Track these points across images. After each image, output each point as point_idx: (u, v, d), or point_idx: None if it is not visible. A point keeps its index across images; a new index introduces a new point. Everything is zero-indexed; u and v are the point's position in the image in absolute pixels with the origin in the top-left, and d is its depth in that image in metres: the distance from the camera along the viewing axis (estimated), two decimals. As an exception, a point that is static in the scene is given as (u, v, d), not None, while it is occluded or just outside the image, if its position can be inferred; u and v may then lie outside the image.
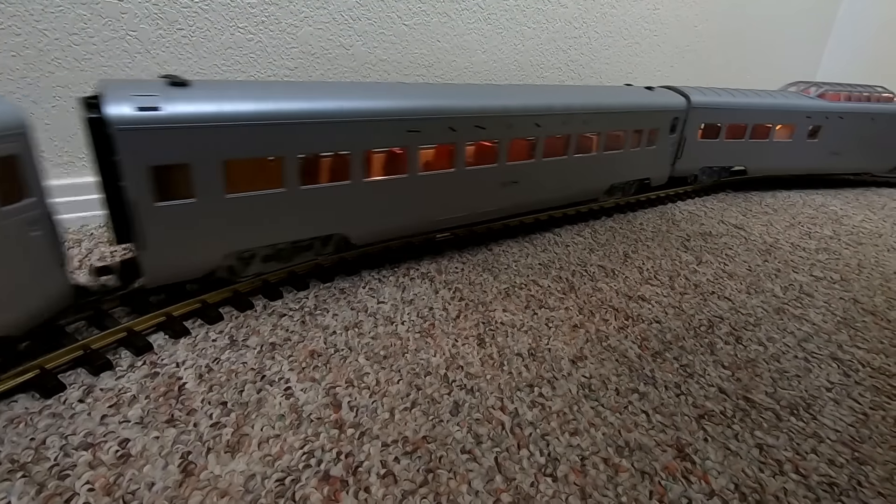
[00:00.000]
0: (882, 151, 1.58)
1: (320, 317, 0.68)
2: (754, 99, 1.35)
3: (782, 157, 1.44)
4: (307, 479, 0.43)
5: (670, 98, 1.19)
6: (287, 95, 0.64)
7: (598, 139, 1.04)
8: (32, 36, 0.82)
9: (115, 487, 0.41)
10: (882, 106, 1.49)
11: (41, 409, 0.48)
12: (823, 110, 1.42)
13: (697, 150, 1.32)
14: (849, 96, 1.48)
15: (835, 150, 1.49)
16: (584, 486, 0.44)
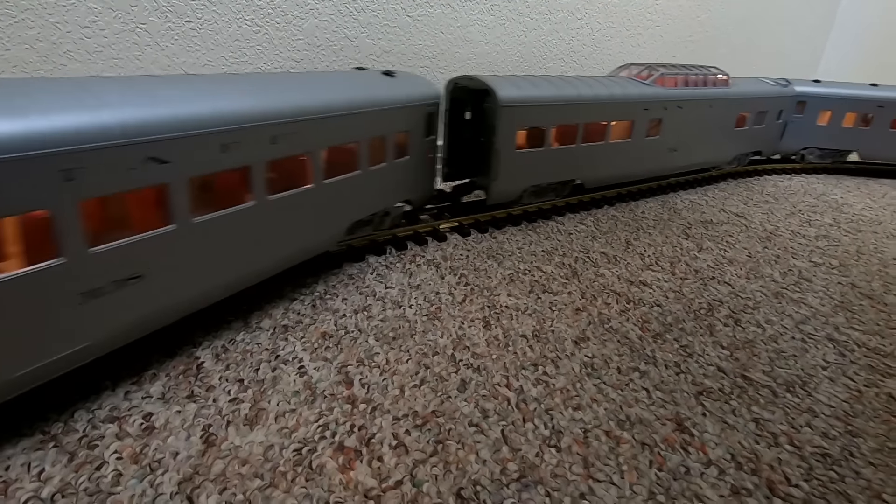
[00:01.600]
0: (719, 142, 1.42)
1: (330, 301, 0.70)
2: (585, 90, 1.03)
3: (621, 161, 1.17)
4: (323, 450, 0.45)
5: (421, 87, 0.86)
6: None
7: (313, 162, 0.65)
8: (45, 29, 0.84)
9: (141, 456, 0.43)
10: (718, 90, 1.32)
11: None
12: (663, 99, 1.17)
13: (518, 164, 0.97)
14: (686, 80, 1.25)
15: (673, 145, 1.27)
16: (586, 456, 0.46)
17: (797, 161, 1.67)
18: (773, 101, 1.47)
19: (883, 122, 1.55)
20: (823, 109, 1.55)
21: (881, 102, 1.52)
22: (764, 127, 1.50)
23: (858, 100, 1.54)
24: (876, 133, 1.58)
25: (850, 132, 1.59)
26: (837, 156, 1.66)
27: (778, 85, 1.52)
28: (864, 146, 1.61)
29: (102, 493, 0.39)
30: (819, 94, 1.53)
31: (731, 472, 0.46)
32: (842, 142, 1.61)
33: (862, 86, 1.58)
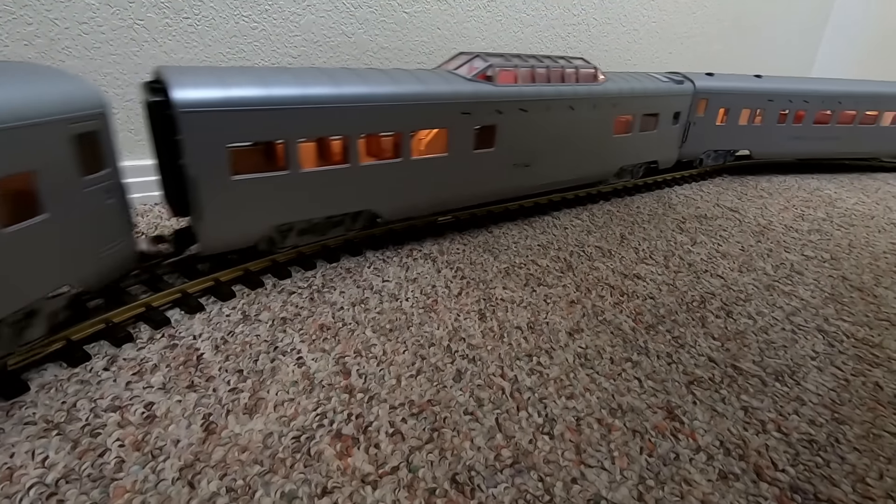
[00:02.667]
0: (594, 153, 1.11)
1: (328, 294, 0.71)
2: (351, 86, 0.73)
3: (434, 182, 0.87)
4: (321, 437, 0.46)
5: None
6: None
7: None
8: (44, 25, 0.84)
9: (143, 444, 0.44)
10: (582, 88, 1.01)
11: (69, 377, 0.51)
12: (494, 100, 0.88)
13: (241, 197, 0.67)
14: (532, 75, 0.94)
15: (522, 159, 0.97)
16: (578, 443, 0.47)
17: (696, 167, 1.49)
18: (666, 101, 1.22)
19: (771, 116, 1.47)
20: (722, 107, 1.39)
21: (770, 96, 1.43)
22: (656, 133, 1.24)
23: (752, 94, 1.42)
24: (766, 129, 1.48)
25: (744, 130, 1.46)
26: (730, 156, 1.53)
27: (671, 81, 1.25)
28: (756, 143, 1.50)
29: (105, 479, 0.40)
30: (716, 90, 1.36)
31: (720, 457, 0.47)
32: (737, 141, 1.48)
33: (749, 78, 1.46)
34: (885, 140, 1.63)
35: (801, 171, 1.66)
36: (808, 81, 1.52)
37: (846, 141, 1.58)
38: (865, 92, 1.52)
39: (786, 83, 1.46)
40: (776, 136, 1.50)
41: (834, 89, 1.49)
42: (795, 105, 1.46)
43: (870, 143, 1.62)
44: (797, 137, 1.52)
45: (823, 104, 1.48)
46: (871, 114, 1.57)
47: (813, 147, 1.56)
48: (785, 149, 1.53)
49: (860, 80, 1.64)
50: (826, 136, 1.55)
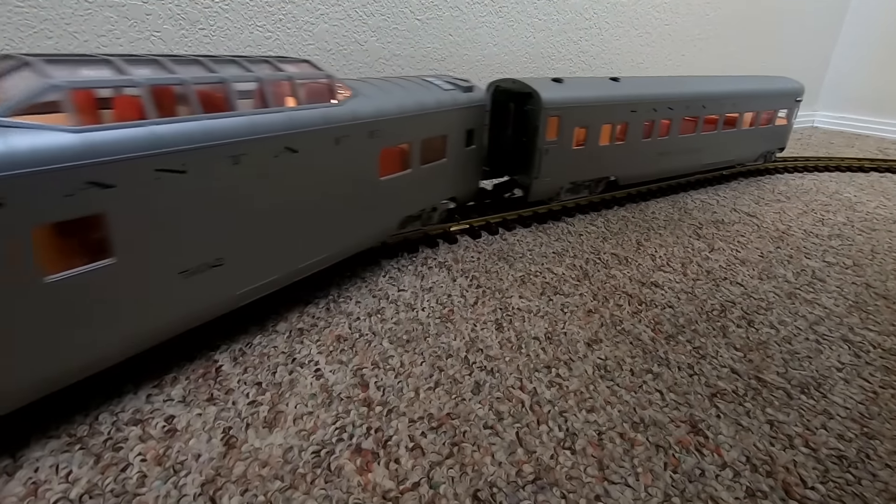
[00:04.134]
0: (347, 214, 0.70)
1: (344, 304, 0.71)
2: None
3: None
4: (341, 452, 0.46)
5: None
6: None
7: None
8: (64, 38, 0.85)
9: (165, 458, 0.44)
10: (312, 113, 0.61)
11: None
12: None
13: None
14: (160, 101, 0.48)
15: (198, 259, 0.52)
16: (601, 458, 0.47)
17: (552, 201, 1.11)
18: (454, 118, 0.87)
19: (635, 130, 1.15)
20: (578, 125, 1.04)
21: (633, 104, 1.12)
22: (446, 162, 0.88)
23: (612, 104, 1.08)
24: (631, 147, 1.16)
25: (607, 152, 1.13)
26: (597, 186, 1.18)
27: (456, 88, 0.90)
28: (622, 166, 1.18)
29: (128, 494, 0.40)
30: (569, 103, 1.01)
31: (747, 474, 0.46)
32: (602, 166, 1.14)
33: (604, 83, 1.12)
34: (745, 144, 1.46)
35: (819, 173, 1.63)
36: (668, 82, 1.24)
37: (710, 150, 1.36)
38: (726, 92, 1.31)
39: (646, 86, 1.17)
40: (643, 155, 1.20)
41: (698, 91, 1.25)
42: (660, 113, 1.18)
43: (732, 149, 1.43)
44: (664, 153, 1.25)
45: (688, 109, 1.23)
46: (732, 116, 1.37)
47: (679, 162, 1.31)
48: (652, 168, 1.25)
49: (717, 76, 1.40)
50: (692, 147, 1.30)
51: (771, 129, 1.51)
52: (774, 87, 1.45)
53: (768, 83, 1.45)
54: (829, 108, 2.72)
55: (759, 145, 1.51)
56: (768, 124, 1.49)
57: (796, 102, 1.52)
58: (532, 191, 1.05)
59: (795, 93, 1.51)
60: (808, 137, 2.36)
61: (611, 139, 1.12)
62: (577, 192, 1.15)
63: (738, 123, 1.38)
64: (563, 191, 1.11)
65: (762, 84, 1.43)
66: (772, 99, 1.45)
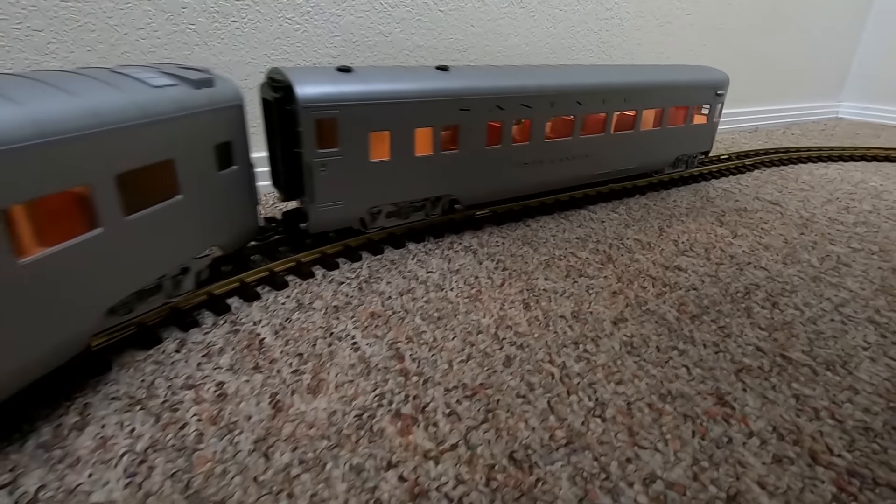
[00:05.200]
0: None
1: (375, 284, 0.73)
2: None
3: None
4: (381, 416, 0.48)
5: None
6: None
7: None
8: (105, 32, 0.89)
9: (219, 419, 0.47)
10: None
11: (145, 358, 0.55)
12: None
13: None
14: None
15: None
16: (630, 426, 0.49)
17: (363, 231, 0.85)
18: (183, 129, 0.56)
19: (476, 136, 0.88)
20: (376, 129, 0.77)
21: (465, 101, 0.84)
22: (183, 200, 0.58)
23: (431, 102, 0.81)
24: (470, 156, 0.89)
25: (431, 164, 0.85)
26: (431, 207, 0.90)
27: (179, 84, 0.58)
28: (459, 181, 0.90)
29: (188, 449, 0.43)
30: (355, 99, 0.74)
31: (773, 442, 0.47)
32: (424, 183, 0.86)
33: (425, 73, 0.83)
34: (649, 149, 1.18)
35: (843, 163, 1.61)
36: (522, 73, 0.94)
37: (599, 158, 1.09)
38: (614, 85, 1.04)
39: (486, 77, 0.88)
40: (492, 166, 0.93)
41: (568, 83, 0.97)
42: (512, 112, 0.91)
43: (631, 155, 1.15)
44: (527, 163, 0.98)
45: (556, 107, 0.96)
46: (627, 115, 1.12)
47: (554, 173, 1.03)
48: (511, 182, 0.98)
49: (609, 66, 1.12)
50: (571, 154, 1.04)
51: (687, 130, 1.24)
52: (687, 79, 1.17)
53: (680, 74, 1.18)
54: (854, 98, 2.67)
55: (670, 149, 1.24)
56: (682, 124, 1.22)
57: (717, 96, 1.24)
58: (312, 220, 0.77)
59: (716, 85, 1.23)
60: (832, 129, 2.33)
61: (434, 147, 0.84)
62: (404, 215, 0.88)
63: (637, 124, 1.11)
64: (371, 217, 0.83)
65: (671, 75, 1.15)
66: (684, 93, 1.17)
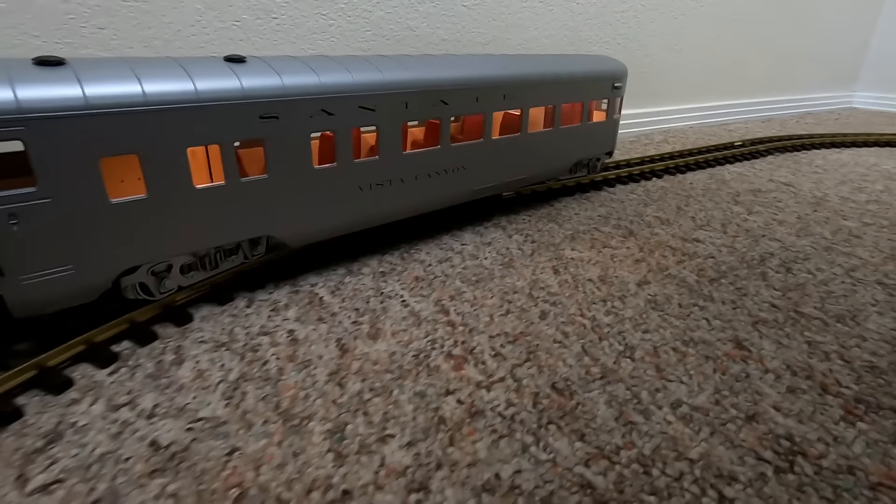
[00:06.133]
0: None
1: (415, 254, 0.80)
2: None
3: None
4: (435, 356, 0.55)
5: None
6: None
7: None
8: (160, 28, 0.97)
9: (294, 357, 0.54)
10: None
11: (221, 312, 0.62)
12: None
13: None
14: None
15: None
16: (657, 364, 0.54)
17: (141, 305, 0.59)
18: None
19: (292, 151, 0.63)
20: (109, 156, 0.50)
21: (267, 108, 0.59)
22: None
23: (197, 109, 0.54)
24: (288, 182, 0.64)
25: (218, 196, 0.59)
26: (250, 250, 0.66)
27: None
28: (279, 216, 0.65)
29: (272, 379, 0.50)
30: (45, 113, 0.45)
31: (787, 377, 0.53)
32: (226, 225, 0.61)
33: (204, 65, 0.57)
34: (539, 155, 0.97)
35: (857, 148, 1.64)
36: (369, 65, 0.70)
37: (475, 171, 0.86)
38: (492, 78, 0.82)
39: (312, 71, 0.64)
40: (322, 192, 0.68)
41: (432, 77, 0.75)
42: (348, 119, 0.66)
43: (519, 164, 0.93)
44: (376, 185, 0.73)
45: (411, 109, 0.73)
46: (513, 115, 0.94)
47: (412, 197, 0.78)
48: (351, 214, 0.72)
49: (487, 56, 0.90)
50: (434, 168, 0.79)
51: (585, 130, 1.05)
52: (581, 70, 0.98)
53: (572, 64, 0.98)
54: (868, 88, 2.68)
55: (567, 153, 1.04)
56: (579, 122, 1.03)
57: (615, 89, 1.06)
58: (11, 301, 0.49)
59: (613, 76, 1.05)
60: (846, 118, 2.35)
61: (227, 173, 0.58)
62: (211, 265, 0.62)
63: (523, 125, 0.90)
64: (155, 279, 0.58)
65: (561, 66, 0.95)
66: (578, 87, 0.97)
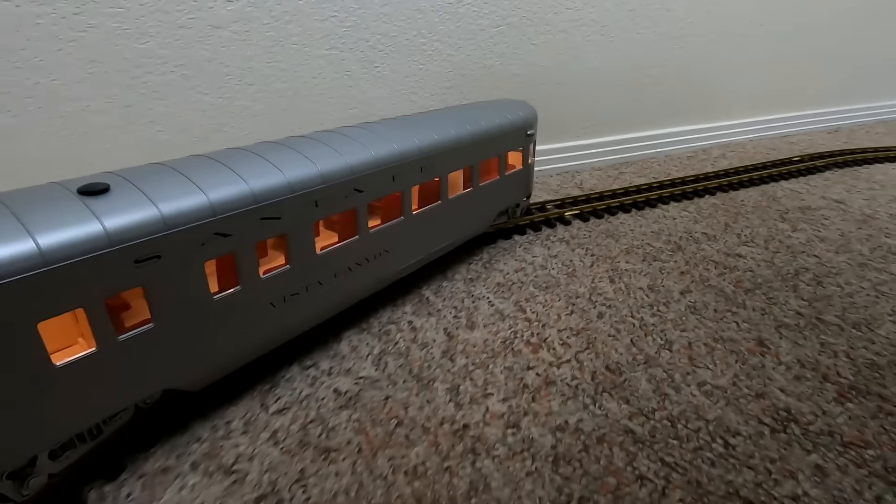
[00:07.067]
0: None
1: (495, 264, 0.99)
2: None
3: None
4: (517, 343, 0.74)
5: None
6: None
7: None
8: (292, 81, 1.23)
9: (415, 340, 0.75)
10: None
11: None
12: None
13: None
14: None
15: None
16: (690, 355, 0.71)
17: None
18: None
19: (190, 282, 0.50)
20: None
21: (145, 247, 0.46)
22: None
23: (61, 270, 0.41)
24: (176, 325, 0.51)
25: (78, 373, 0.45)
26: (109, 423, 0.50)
27: None
28: (171, 367, 0.52)
29: (403, 354, 0.71)
30: None
31: (796, 368, 0.68)
32: (88, 402, 0.46)
33: (56, 206, 0.44)
34: (465, 216, 0.93)
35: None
36: (268, 169, 0.58)
37: (397, 252, 0.79)
38: (409, 153, 0.74)
39: (202, 187, 0.51)
40: (229, 324, 0.56)
41: (343, 166, 0.65)
42: (248, 236, 0.55)
43: (443, 231, 0.89)
44: (290, 296, 0.63)
45: (322, 207, 0.63)
46: (432, 184, 0.83)
47: (337, 293, 0.70)
48: (268, 333, 0.62)
49: (394, 120, 0.84)
50: (355, 260, 0.71)
51: (502, 182, 1.01)
52: (493, 125, 0.92)
53: (484, 118, 0.92)
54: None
55: (489, 208, 1.01)
56: (497, 176, 0.99)
57: (528, 137, 1.03)
58: None
59: (526, 125, 1.01)
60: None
61: (100, 338, 0.45)
62: (92, 437, 0.49)
63: (443, 192, 0.84)
64: (15, 484, 0.44)
65: (472, 123, 0.88)
66: (492, 142, 0.92)
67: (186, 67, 1.09)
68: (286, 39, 1.18)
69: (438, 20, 1.33)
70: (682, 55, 1.74)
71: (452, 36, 1.37)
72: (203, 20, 1.07)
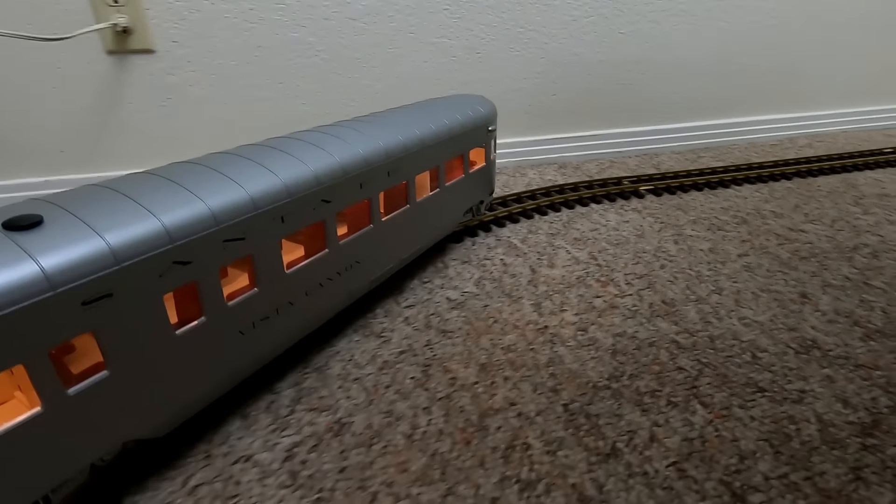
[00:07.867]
0: None
1: (572, 225, 1.16)
2: None
3: None
4: (589, 280, 0.91)
5: None
6: None
7: None
8: (407, 66, 1.45)
9: (507, 271, 0.94)
10: None
11: (457, 247, 1.05)
12: None
13: None
14: None
15: None
16: (737, 299, 0.85)
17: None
18: None
19: (149, 319, 0.45)
20: None
21: (96, 290, 0.40)
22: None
23: None
24: (133, 369, 0.45)
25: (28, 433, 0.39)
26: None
27: None
28: (132, 419, 0.46)
29: (497, 280, 0.91)
30: None
31: (831, 314, 0.80)
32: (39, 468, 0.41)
33: None
34: (432, 219, 0.91)
35: None
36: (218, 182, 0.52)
37: (369, 261, 0.76)
38: (376, 157, 0.70)
39: (154, 212, 0.45)
40: (193, 360, 0.51)
41: (311, 176, 0.60)
42: (210, 261, 0.50)
43: (413, 236, 0.87)
44: (261, 321, 0.58)
45: (288, 223, 0.58)
46: (399, 187, 0.80)
47: (310, 311, 0.66)
48: (237, 363, 0.57)
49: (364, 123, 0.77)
50: (326, 275, 0.67)
51: (467, 180, 0.99)
52: (456, 123, 0.90)
53: (447, 116, 0.89)
54: None
55: (455, 208, 1.00)
56: (462, 175, 0.97)
57: (490, 133, 1.02)
58: None
59: (486, 121, 0.99)
60: None
61: (46, 396, 0.39)
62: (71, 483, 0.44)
63: (411, 196, 0.82)
64: None
65: (436, 123, 0.85)
66: (455, 141, 0.90)
67: (326, 52, 1.35)
68: (405, 29, 1.40)
69: (535, 11, 1.50)
70: (769, 43, 1.78)
71: (547, 25, 1.52)
72: (343, 13, 1.32)
